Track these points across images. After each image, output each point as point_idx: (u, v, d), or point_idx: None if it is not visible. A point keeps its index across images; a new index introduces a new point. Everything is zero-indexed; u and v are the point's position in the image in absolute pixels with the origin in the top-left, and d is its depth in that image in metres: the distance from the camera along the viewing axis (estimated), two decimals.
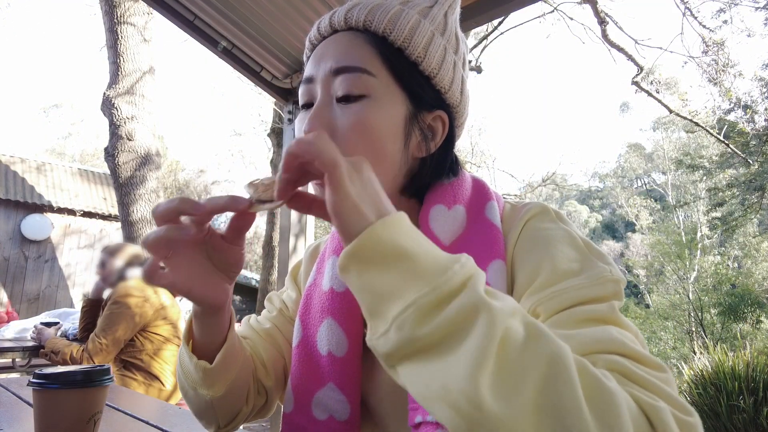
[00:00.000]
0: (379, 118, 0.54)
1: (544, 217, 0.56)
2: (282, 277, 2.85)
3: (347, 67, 0.54)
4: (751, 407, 3.55)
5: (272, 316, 0.75)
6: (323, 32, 0.60)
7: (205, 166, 22.25)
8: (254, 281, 9.98)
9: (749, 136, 8.68)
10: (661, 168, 26.19)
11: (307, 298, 0.66)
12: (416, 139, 0.58)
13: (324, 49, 0.58)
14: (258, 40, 2.52)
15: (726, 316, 10.69)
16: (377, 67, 0.55)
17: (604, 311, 0.46)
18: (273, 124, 7.90)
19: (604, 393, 0.34)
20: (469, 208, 0.59)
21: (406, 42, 0.55)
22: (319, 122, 0.54)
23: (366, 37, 0.56)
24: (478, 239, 0.56)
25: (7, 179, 7.68)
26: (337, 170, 0.39)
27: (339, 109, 0.55)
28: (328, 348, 0.59)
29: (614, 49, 6.34)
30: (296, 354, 0.64)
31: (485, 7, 1.94)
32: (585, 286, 0.47)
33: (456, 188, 0.60)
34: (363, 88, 0.54)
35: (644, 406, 0.35)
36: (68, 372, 0.64)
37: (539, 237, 0.54)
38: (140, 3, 5.36)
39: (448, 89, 0.58)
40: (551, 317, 0.46)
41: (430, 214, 0.58)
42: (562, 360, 0.33)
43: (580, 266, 0.49)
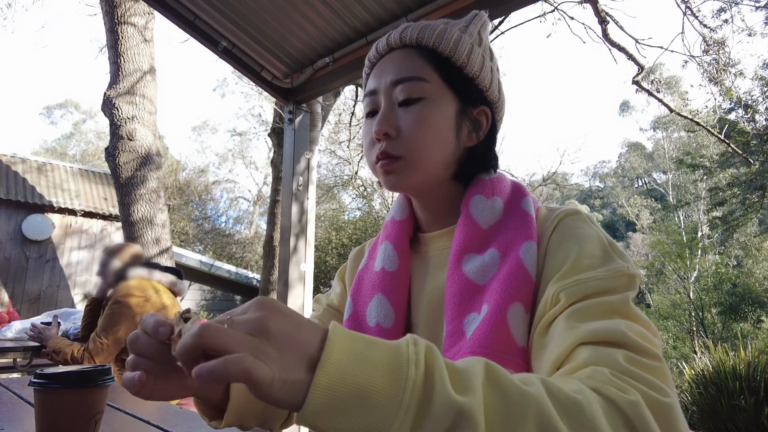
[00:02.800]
0: (435, 114, 0.66)
1: (577, 217, 0.63)
2: (282, 276, 2.85)
3: (406, 77, 0.67)
4: (752, 407, 3.55)
5: (319, 314, 0.84)
6: (381, 51, 0.72)
7: (206, 166, 22.22)
8: (255, 281, 9.98)
9: (750, 136, 8.67)
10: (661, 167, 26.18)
11: (359, 279, 0.76)
12: (466, 129, 0.69)
13: (383, 65, 0.70)
14: (258, 40, 2.52)
15: (727, 315, 10.69)
16: (429, 73, 0.67)
17: (617, 302, 0.51)
18: (273, 124, 7.90)
19: (579, 412, 0.37)
20: (507, 201, 0.68)
21: (452, 52, 0.67)
22: (387, 123, 0.66)
23: (418, 51, 0.68)
24: (514, 224, 0.64)
25: (8, 179, 7.69)
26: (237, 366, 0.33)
27: (401, 112, 0.67)
28: (377, 320, 0.68)
29: (615, 48, 6.33)
30: (346, 327, 0.70)
31: (485, 7, 1.94)
32: (603, 277, 0.53)
33: (495, 183, 0.69)
34: (420, 92, 0.66)
35: (621, 403, 0.39)
36: (69, 372, 0.64)
37: (571, 233, 0.61)
38: (141, 3, 5.36)
39: (488, 88, 0.70)
40: (570, 305, 0.52)
41: (471, 201, 0.68)
42: (544, 412, 0.36)
43: (601, 261, 0.56)
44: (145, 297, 2.23)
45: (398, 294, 0.70)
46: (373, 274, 0.73)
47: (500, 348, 0.55)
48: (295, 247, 2.85)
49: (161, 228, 5.27)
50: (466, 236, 0.66)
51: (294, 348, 0.35)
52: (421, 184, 0.69)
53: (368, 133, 0.69)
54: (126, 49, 5.29)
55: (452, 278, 0.64)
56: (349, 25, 2.29)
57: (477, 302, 0.61)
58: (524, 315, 0.57)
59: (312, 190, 2.96)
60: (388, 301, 0.69)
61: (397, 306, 0.69)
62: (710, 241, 16.05)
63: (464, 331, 0.60)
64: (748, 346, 4.18)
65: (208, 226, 19.43)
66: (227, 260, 15.44)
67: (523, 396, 0.37)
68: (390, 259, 0.72)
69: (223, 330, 0.35)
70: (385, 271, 0.72)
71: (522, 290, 0.58)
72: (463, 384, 0.36)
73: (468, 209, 0.67)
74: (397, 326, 0.68)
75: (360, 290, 0.74)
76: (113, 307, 2.18)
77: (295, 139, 2.87)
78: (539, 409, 0.36)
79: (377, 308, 0.69)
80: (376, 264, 0.74)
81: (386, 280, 0.71)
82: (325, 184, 15.02)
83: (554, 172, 13.31)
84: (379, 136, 0.67)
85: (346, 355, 0.35)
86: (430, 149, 0.66)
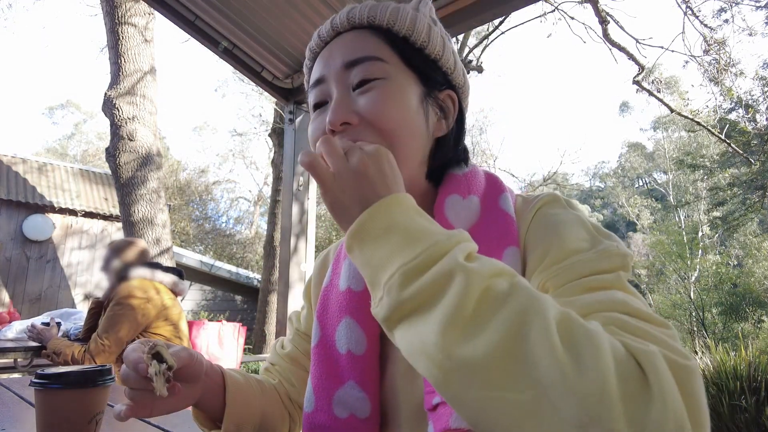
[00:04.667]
0: (397, 95, 0.57)
1: (555, 204, 0.58)
2: (283, 276, 2.85)
3: (360, 58, 0.58)
4: (753, 407, 3.55)
5: (291, 338, 0.79)
6: (325, 37, 0.63)
7: (206, 166, 22.22)
8: (255, 281, 9.98)
9: (750, 136, 8.66)
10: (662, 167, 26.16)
11: (324, 299, 0.67)
12: (434, 116, 0.62)
13: (330, 50, 0.61)
14: (259, 41, 2.52)
15: (727, 315, 10.68)
16: (387, 54, 0.59)
17: (610, 279, 0.47)
18: (274, 124, 7.90)
19: (583, 336, 0.34)
20: (483, 198, 0.61)
21: (409, 31, 0.60)
22: (342, 111, 0.56)
23: (371, 32, 0.60)
24: (493, 227, 0.58)
25: (8, 180, 7.69)
26: (314, 171, 0.48)
27: (358, 96, 0.57)
28: (347, 347, 0.61)
29: (615, 48, 6.33)
30: (315, 354, 0.64)
31: (486, 6, 1.94)
32: (593, 259, 0.48)
33: (470, 179, 0.62)
34: (378, 72, 0.57)
35: (633, 351, 0.34)
36: (70, 372, 0.64)
37: (550, 221, 0.55)
38: (141, 3, 5.36)
39: (452, 70, 0.64)
40: (559, 288, 0.47)
41: (445, 203, 0.60)
42: (537, 309, 0.35)
43: (589, 244, 0.51)
44: (147, 298, 2.23)
45: (368, 316, 0.60)
46: (339, 294, 0.65)
47: None
48: (296, 247, 2.85)
49: (162, 228, 5.27)
50: None
51: (369, 180, 0.47)
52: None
53: (319, 128, 0.59)
54: (126, 50, 5.30)
55: None
56: None
57: None
58: None
59: (312, 190, 2.96)
60: (357, 324, 0.61)
61: (368, 329, 0.60)
62: (710, 241, 16.04)
63: None
64: (748, 346, 4.18)
65: (208, 226, 19.43)
66: (228, 260, 15.44)
67: (529, 293, 0.37)
68: (356, 277, 0.63)
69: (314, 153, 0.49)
70: (351, 292, 0.63)
71: None
72: (485, 262, 0.40)
73: (443, 212, 0.59)
74: (370, 351, 0.60)
75: (326, 312, 0.66)
76: (115, 308, 2.18)
77: (296, 139, 2.87)
78: (537, 307, 0.35)
79: (347, 333, 0.61)
80: (341, 283, 0.65)
81: (353, 301, 0.62)
82: None
83: (554, 172, 13.31)
84: (335, 127, 0.56)
85: (408, 209, 0.45)
86: (404, 133, 0.57)
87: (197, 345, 4.26)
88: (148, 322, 2.24)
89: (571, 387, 0.31)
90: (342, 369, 0.61)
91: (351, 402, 0.59)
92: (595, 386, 0.31)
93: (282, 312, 2.83)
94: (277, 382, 0.74)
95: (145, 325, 2.23)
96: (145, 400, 0.51)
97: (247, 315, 9.82)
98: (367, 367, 0.60)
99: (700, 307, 11.09)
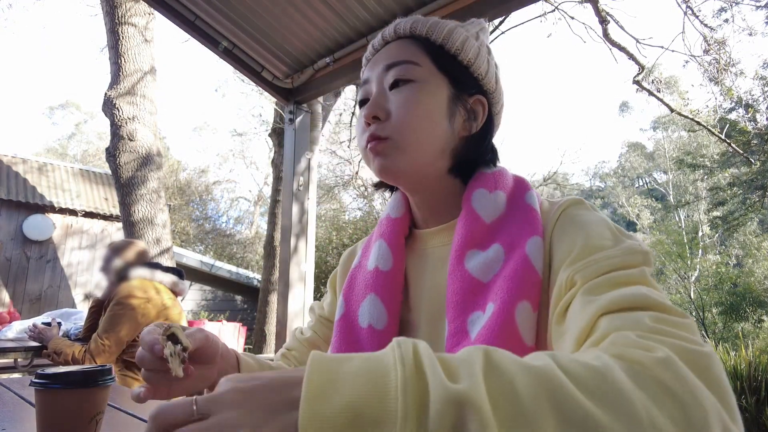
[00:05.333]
0: (425, 96, 0.65)
1: (580, 206, 0.62)
2: (283, 276, 2.85)
3: (397, 61, 0.67)
4: (753, 407, 3.55)
5: (312, 324, 0.83)
6: (376, 47, 0.74)
7: (207, 166, 22.22)
8: (256, 281, 9.98)
9: (751, 135, 8.66)
10: (662, 167, 26.16)
11: (351, 278, 0.74)
12: (461, 117, 0.68)
13: (377, 57, 0.71)
14: (259, 40, 2.52)
15: (727, 315, 10.68)
16: (422, 59, 0.67)
17: (635, 275, 0.49)
18: (274, 124, 7.90)
19: (599, 380, 0.33)
20: (510, 194, 0.67)
21: (445, 39, 0.68)
22: (377, 106, 0.66)
23: (412, 41, 0.69)
24: (518, 218, 0.62)
25: (8, 180, 7.69)
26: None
27: (392, 95, 0.66)
28: (369, 321, 0.66)
29: (615, 48, 6.33)
30: (337, 327, 0.70)
31: (485, 7, 1.95)
32: (617, 255, 0.51)
33: (497, 177, 0.68)
34: (410, 75, 0.66)
35: (648, 364, 0.34)
36: (70, 372, 0.64)
37: (576, 220, 0.59)
38: (141, 3, 5.36)
39: (484, 76, 0.70)
40: (587, 283, 0.50)
41: (472, 195, 0.66)
42: (557, 385, 0.32)
43: (612, 242, 0.54)
44: (147, 298, 2.23)
45: (392, 294, 0.68)
46: (366, 273, 0.71)
47: (508, 348, 0.50)
48: (296, 247, 2.85)
49: (162, 228, 5.28)
50: (468, 231, 0.63)
51: (274, 400, 0.33)
52: (411, 169, 0.66)
53: (360, 121, 0.69)
54: (126, 50, 5.30)
55: (454, 275, 0.62)
56: (349, 25, 2.29)
57: (481, 300, 0.59)
58: (532, 314, 0.55)
59: (312, 190, 2.97)
60: (381, 301, 0.67)
61: (390, 306, 0.67)
62: (711, 240, 16.04)
63: (468, 330, 0.58)
64: (748, 345, 4.18)
65: (208, 226, 19.43)
66: (228, 260, 15.44)
67: (530, 374, 0.32)
68: (384, 258, 0.70)
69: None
70: (378, 271, 0.69)
71: (529, 288, 0.56)
72: (460, 372, 0.32)
73: (470, 203, 0.65)
74: (390, 327, 0.65)
75: (352, 289, 0.72)
76: (115, 308, 2.18)
77: (296, 139, 2.87)
78: (551, 384, 0.31)
79: (370, 309, 0.67)
80: (370, 263, 0.72)
81: (380, 279, 0.68)
82: (325, 184, 15.02)
83: (555, 172, 13.30)
84: (369, 120, 0.66)
85: (326, 376, 0.32)
86: (418, 130, 0.64)
87: None
88: (149, 322, 2.24)
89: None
90: (362, 343, 0.65)
91: None
92: (646, 429, 0.31)
93: (282, 312, 2.83)
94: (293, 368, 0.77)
95: (145, 324, 2.22)
96: (161, 382, 0.53)
97: (247, 315, 9.82)
98: (386, 343, 0.58)
99: (700, 307, 11.09)
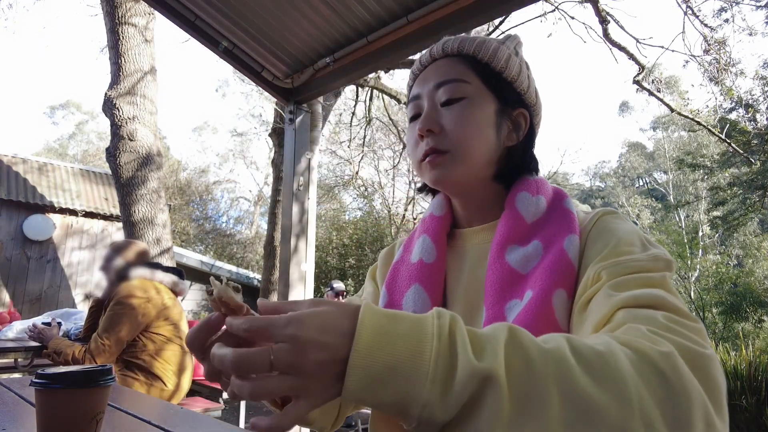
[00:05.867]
0: (476, 112, 0.70)
1: (615, 215, 0.67)
2: (283, 276, 2.85)
3: (447, 80, 0.72)
4: (753, 406, 3.55)
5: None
6: (424, 63, 0.78)
7: (207, 166, 22.22)
8: (256, 281, 9.98)
9: (751, 135, 8.66)
10: (662, 167, 26.14)
11: (394, 271, 0.78)
12: (507, 129, 0.74)
13: (426, 73, 0.76)
14: (259, 40, 2.52)
15: (728, 315, 10.67)
16: (471, 77, 0.72)
17: (657, 278, 0.53)
18: (274, 124, 7.90)
19: (603, 364, 0.38)
20: (550, 200, 0.72)
21: (491, 58, 0.73)
22: (430, 120, 0.70)
23: (460, 59, 0.74)
24: (558, 219, 0.67)
25: (9, 180, 7.70)
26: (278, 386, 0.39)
27: (444, 111, 0.71)
28: (414, 309, 0.70)
29: (615, 48, 6.33)
30: None
31: (485, 7, 1.94)
32: (643, 259, 0.56)
33: (539, 184, 0.73)
34: (461, 92, 0.71)
35: (652, 356, 0.39)
36: (70, 372, 0.64)
37: (609, 226, 0.64)
38: (141, 4, 5.36)
39: (526, 91, 0.76)
40: (612, 279, 0.54)
41: (516, 197, 0.71)
42: (561, 370, 0.37)
43: (640, 249, 0.59)
44: (147, 298, 2.24)
45: (435, 285, 0.72)
46: (410, 265, 0.75)
47: (544, 331, 0.54)
48: (296, 247, 2.85)
49: (162, 228, 5.28)
50: (510, 229, 0.68)
51: (325, 366, 0.38)
52: (465, 179, 0.71)
53: (412, 135, 0.74)
54: (127, 50, 5.30)
55: (494, 266, 0.67)
56: (349, 25, 2.29)
57: (519, 289, 0.63)
58: (567, 301, 0.59)
59: (313, 190, 2.96)
60: (425, 291, 0.71)
61: (433, 296, 0.71)
62: (711, 240, 16.03)
63: (505, 316, 0.62)
64: (749, 345, 4.18)
65: (208, 226, 19.44)
66: (228, 260, 15.45)
67: (543, 355, 0.38)
68: (428, 251, 0.74)
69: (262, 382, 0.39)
70: (422, 263, 0.74)
71: (566, 277, 0.60)
72: (485, 350, 0.39)
73: (514, 204, 0.70)
74: None
75: (396, 281, 0.76)
76: (115, 308, 2.18)
77: (296, 139, 2.87)
78: (559, 366, 0.37)
79: (414, 298, 0.71)
80: (413, 256, 0.76)
81: (424, 271, 0.73)
82: (325, 184, 15.02)
83: (555, 172, 13.31)
84: (423, 132, 0.70)
85: (374, 335, 0.38)
86: (473, 143, 0.69)
87: None
88: (149, 322, 2.24)
89: (620, 418, 0.36)
90: None
91: None
92: (635, 412, 0.36)
93: None
94: None
95: (145, 324, 2.23)
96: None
97: None
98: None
99: (700, 307, 11.09)
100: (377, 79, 7.87)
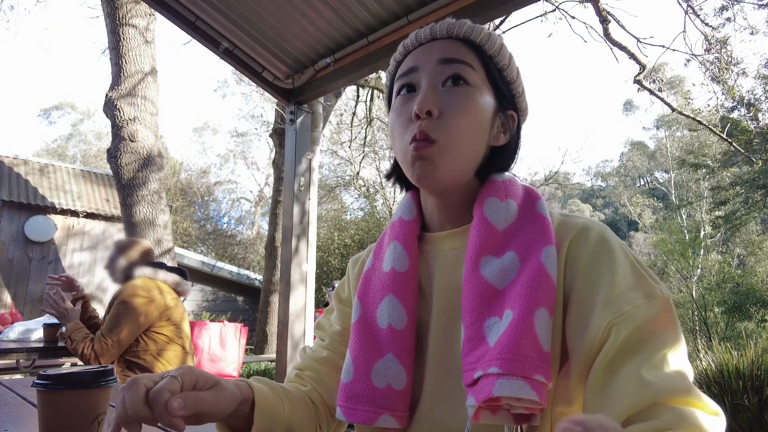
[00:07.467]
0: (479, 104, 0.67)
1: (599, 232, 0.62)
2: (284, 277, 2.85)
3: (456, 58, 0.67)
4: (755, 406, 3.54)
5: (326, 344, 0.81)
6: (422, 39, 0.73)
7: (208, 166, 22.24)
8: (257, 282, 9.99)
9: (753, 134, 8.64)
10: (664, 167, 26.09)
11: (365, 281, 0.75)
12: (497, 129, 0.71)
13: (428, 47, 0.71)
14: (259, 41, 2.52)
15: (730, 314, 10.65)
16: (477, 65, 0.68)
17: (668, 341, 0.53)
18: (275, 124, 7.90)
19: None
20: (520, 204, 0.68)
21: (496, 53, 0.70)
22: (429, 101, 0.65)
23: (466, 45, 0.70)
24: (530, 227, 0.64)
25: (10, 181, 7.71)
26: None
27: (446, 92, 0.66)
28: (389, 321, 0.67)
29: (616, 47, 6.32)
30: (356, 329, 0.71)
31: (486, 6, 1.94)
32: (645, 306, 0.54)
33: (508, 186, 0.69)
34: (468, 77, 0.67)
35: None
36: (72, 373, 0.64)
37: (600, 250, 0.60)
38: (142, 5, 5.37)
39: (520, 95, 0.74)
40: (622, 338, 0.52)
41: (484, 203, 0.67)
42: None
43: (634, 279, 0.57)
44: (150, 298, 2.24)
45: (409, 294, 0.69)
46: (383, 274, 0.72)
47: (527, 354, 0.54)
48: (297, 248, 2.85)
49: (163, 229, 5.28)
50: (481, 238, 0.64)
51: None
52: (449, 177, 0.67)
53: (404, 111, 0.68)
54: (127, 51, 5.30)
55: (470, 282, 0.63)
56: (350, 25, 2.29)
57: (497, 307, 0.60)
58: (548, 320, 0.57)
59: (313, 191, 2.97)
60: (399, 302, 0.68)
61: (408, 307, 0.68)
62: (713, 240, 16.01)
63: (485, 335, 0.59)
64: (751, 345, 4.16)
65: (209, 227, 19.46)
66: (229, 261, 15.46)
67: None
68: (400, 259, 0.71)
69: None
70: (395, 272, 0.70)
71: (546, 296, 0.57)
72: None
73: (482, 211, 0.66)
74: (409, 328, 0.67)
75: (368, 291, 0.73)
76: (119, 308, 2.19)
77: (297, 139, 2.87)
78: None
79: (389, 309, 0.68)
80: (385, 264, 0.73)
81: (397, 280, 0.69)
82: (326, 185, 15.02)
83: (556, 172, 13.30)
84: (422, 114, 0.64)
85: None
86: (466, 137, 0.65)
87: (199, 345, 4.27)
88: (151, 323, 2.24)
89: None
90: (382, 342, 0.67)
91: (389, 374, 0.65)
92: None
93: (283, 312, 2.83)
94: (309, 389, 0.75)
95: (147, 325, 2.23)
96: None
97: (249, 315, 9.83)
98: (406, 342, 0.66)
99: (702, 307, 11.06)
100: (378, 80, 7.87)
